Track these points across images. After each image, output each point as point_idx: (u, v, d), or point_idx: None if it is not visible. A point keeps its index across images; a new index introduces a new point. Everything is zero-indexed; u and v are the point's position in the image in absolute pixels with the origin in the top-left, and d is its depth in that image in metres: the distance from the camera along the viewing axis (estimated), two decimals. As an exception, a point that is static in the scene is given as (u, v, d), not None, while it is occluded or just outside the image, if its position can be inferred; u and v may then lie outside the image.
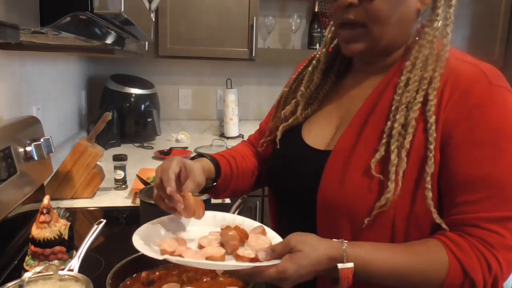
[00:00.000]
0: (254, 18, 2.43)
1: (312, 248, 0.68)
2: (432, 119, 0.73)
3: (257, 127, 1.13)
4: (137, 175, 1.59)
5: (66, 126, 2.09)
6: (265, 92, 2.92)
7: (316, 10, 2.74)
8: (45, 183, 1.40)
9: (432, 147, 0.72)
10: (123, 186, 1.64)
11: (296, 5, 2.80)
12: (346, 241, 0.71)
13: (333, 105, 0.91)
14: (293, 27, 2.70)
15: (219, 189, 0.97)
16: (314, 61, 0.94)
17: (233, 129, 2.73)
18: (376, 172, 0.74)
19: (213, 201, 1.29)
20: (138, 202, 1.30)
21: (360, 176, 0.76)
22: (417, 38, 0.81)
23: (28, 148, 1.11)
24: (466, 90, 0.73)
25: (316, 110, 0.93)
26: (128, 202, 1.51)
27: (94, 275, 0.92)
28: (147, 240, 0.74)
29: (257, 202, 2.30)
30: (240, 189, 1.03)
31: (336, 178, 0.78)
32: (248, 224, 0.82)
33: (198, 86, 2.86)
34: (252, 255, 0.69)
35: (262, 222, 0.83)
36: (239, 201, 1.08)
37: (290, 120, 0.93)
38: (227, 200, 1.57)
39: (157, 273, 0.83)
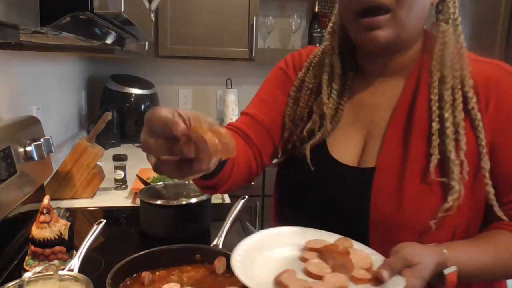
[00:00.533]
0: (254, 18, 2.43)
1: (427, 258, 0.66)
2: (479, 117, 0.74)
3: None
4: (137, 175, 1.58)
5: (66, 126, 2.09)
6: (265, 92, 2.92)
7: (316, 10, 2.74)
8: (45, 183, 1.40)
9: (484, 143, 0.74)
10: (123, 186, 1.64)
11: (296, 5, 2.80)
12: (439, 244, 0.71)
13: (354, 116, 0.85)
14: (293, 27, 2.70)
15: (223, 177, 0.81)
16: (325, 68, 0.86)
17: (233, 129, 2.73)
18: (435, 176, 0.74)
19: (213, 201, 1.29)
20: (138, 202, 1.30)
21: (420, 187, 0.75)
22: (436, 37, 0.79)
23: (28, 148, 1.11)
24: (500, 94, 0.75)
25: (338, 122, 0.86)
26: (128, 202, 1.51)
27: (94, 275, 0.92)
28: (248, 271, 0.65)
29: (257, 202, 2.30)
30: (239, 179, 0.88)
31: (390, 195, 0.76)
32: (327, 235, 0.76)
33: (198, 86, 2.86)
34: (368, 276, 0.65)
35: (262, 222, 0.81)
36: (239, 201, 1.08)
37: (318, 135, 0.85)
38: (227, 200, 1.58)
39: (157, 273, 0.82)
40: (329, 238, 0.75)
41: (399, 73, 0.82)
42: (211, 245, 0.91)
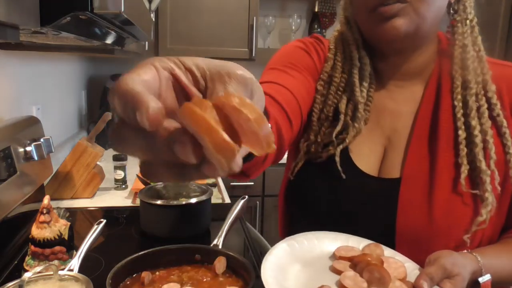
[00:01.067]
0: (254, 18, 2.43)
1: (464, 268, 0.65)
2: (505, 123, 0.72)
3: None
4: (137, 175, 1.59)
5: (66, 126, 2.09)
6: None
7: (316, 10, 2.74)
8: (45, 183, 1.40)
9: (511, 151, 0.72)
10: (123, 186, 1.64)
11: (296, 5, 2.80)
12: (473, 251, 0.69)
13: (374, 123, 0.80)
14: (293, 27, 2.70)
15: (257, 163, 0.63)
16: (354, 61, 0.79)
17: (233, 129, 2.73)
18: (466, 187, 0.71)
19: (213, 201, 1.29)
20: (138, 202, 1.30)
21: (451, 197, 0.72)
22: (453, 39, 0.77)
23: (28, 148, 1.11)
24: None
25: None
26: (128, 202, 1.51)
27: (94, 275, 0.92)
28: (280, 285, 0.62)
29: (257, 202, 2.30)
30: (270, 163, 0.73)
31: (419, 207, 0.73)
32: (355, 240, 0.74)
33: (198, 86, 2.85)
34: (405, 287, 0.62)
35: (262, 222, 0.81)
36: (239, 201, 1.08)
37: (348, 139, 0.78)
38: (227, 200, 1.58)
39: (157, 273, 0.82)
40: (358, 243, 0.73)
41: (416, 78, 0.79)
42: (211, 245, 0.91)
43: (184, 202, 1.18)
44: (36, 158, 1.12)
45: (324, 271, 0.68)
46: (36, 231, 0.91)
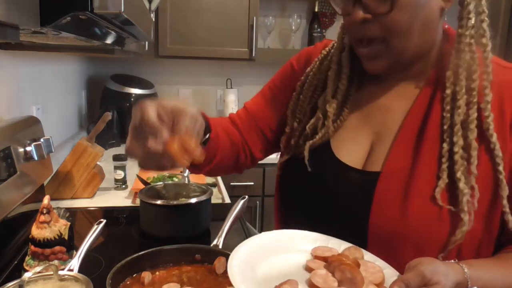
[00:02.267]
0: (254, 18, 2.43)
1: (445, 277, 0.61)
2: (494, 138, 0.67)
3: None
4: (137, 175, 1.59)
5: (66, 126, 2.09)
6: (265, 92, 2.92)
7: (316, 10, 2.74)
8: (45, 183, 1.40)
9: (501, 168, 0.67)
10: (123, 186, 1.64)
11: (296, 5, 2.80)
12: (460, 262, 0.66)
13: (363, 117, 0.80)
14: (293, 27, 2.70)
15: (210, 151, 0.80)
16: (332, 65, 0.82)
17: (233, 129, 2.73)
18: (443, 201, 0.68)
19: (213, 201, 1.29)
20: (138, 202, 1.30)
21: (427, 204, 0.69)
22: (449, 41, 0.73)
23: (28, 148, 1.11)
24: None
25: (343, 121, 0.81)
26: (128, 202, 1.51)
27: (94, 275, 0.92)
28: (248, 279, 0.61)
29: (257, 202, 2.30)
30: (224, 164, 0.88)
31: (395, 205, 0.70)
32: (336, 242, 0.72)
33: (198, 86, 2.86)
34: None
35: (262, 222, 0.81)
36: (239, 201, 1.08)
37: (319, 136, 0.81)
38: (227, 200, 1.58)
39: (157, 273, 0.82)
40: (339, 246, 0.71)
41: (416, 78, 0.77)
42: (211, 245, 0.91)
43: (184, 202, 1.18)
44: (36, 158, 1.12)
45: (297, 269, 0.66)
46: (36, 231, 0.91)
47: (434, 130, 0.72)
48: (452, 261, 0.66)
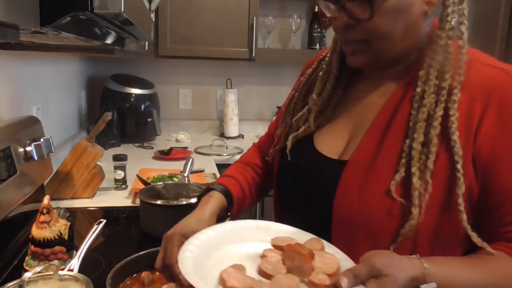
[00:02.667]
0: (254, 18, 2.43)
1: (398, 270, 0.61)
2: (456, 136, 0.68)
3: (257, 127, 1.12)
4: (137, 175, 1.59)
5: (66, 126, 2.09)
6: (265, 92, 2.92)
7: (316, 10, 2.73)
8: (45, 183, 1.40)
9: (459, 166, 0.67)
10: (123, 186, 1.64)
11: (296, 5, 2.80)
12: (423, 257, 0.65)
13: (346, 112, 0.85)
14: (293, 27, 2.70)
15: (234, 215, 0.94)
16: (324, 65, 0.87)
17: (233, 129, 2.73)
18: (397, 195, 0.69)
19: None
20: (138, 202, 1.30)
21: (381, 195, 0.71)
22: (431, 42, 0.74)
23: (28, 148, 1.11)
24: (503, 101, 0.68)
25: (328, 118, 0.87)
26: (128, 202, 1.51)
27: (94, 275, 0.92)
28: (197, 267, 0.63)
29: (257, 202, 2.30)
30: (256, 201, 1.01)
31: (354, 191, 0.73)
32: (299, 235, 0.73)
33: (198, 86, 2.86)
34: (327, 282, 0.60)
35: None
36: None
37: (301, 129, 0.87)
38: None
39: (157, 273, 0.82)
40: (302, 237, 0.72)
41: (398, 78, 0.80)
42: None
43: (184, 202, 1.18)
44: (36, 158, 1.12)
45: (253, 257, 0.67)
46: (36, 231, 0.91)
47: (400, 125, 0.74)
48: (415, 256, 0.66)
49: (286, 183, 0.89)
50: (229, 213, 0.91)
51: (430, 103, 0.71)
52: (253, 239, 0.73)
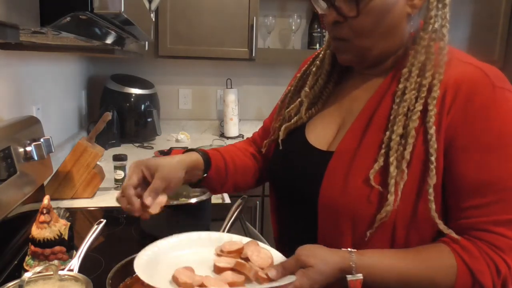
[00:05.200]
0: (254, 18, 2.43)
1: (323, 261, 0.67)
2: (432, 130, 0.72)
3: (257, 127, 1.12)
4: (137, 175, 1.58)
5: (66, 126, 2.09)
6: (265, 92, 2.92)
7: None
8: (45, 183, 1.40)
9: (433, 158, 0.71)
10: (123, 186, 1.64)
11: (296, 5, 2.80)
12: (354, 250, 0.71)
13: (335, 106, 0.90)
14: (293, 27, 2.70)
15: (215, 182, 0.97)
16: (317, 61, 0.93)
17: (233, 129, 2.73)
18: (376, 183, 0.73)
19: (213, 201, 1.29)
20: (138, 202, 1.30)
21: (362, 184, 0.75)
22: (414, 43, 0.78)
23: (28, 148, 1.11)
24: (470, 93, 0.72)
25: (319, 110, 0.92)
26: (128, 202, 1.51)
27: (94, 275, 0.92)
28: (150, 270, 0.71)
29: (257, 202, 2.30)
30: (242, 185, 1.03)
31: (339, 180, 0.77)
32: (238, 240, 0.82)
33: (198, 86, 2.86)
34: (263, 274, 0.69)
35: (262, 222, 0.84)
36: (239, 201, 1.08)
37: (293, 120, 0.92)
38: (227, 200, 1.58)
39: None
40: (240, 241, 0.80)
41: (384, 74, 0.83)
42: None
43: (184, 202, 1.18)
44: (36, 158, 1.12)
45: (203, 262, 0.75)
46: (36, 231, 0.91)
47: (382, 118, 0.78)
48: (348, 249, 0.71)
49: (278, 172, 0.93)
50: (205, 174, 0.94)
51: (411, 98, 0.75)
52: (204, 247, 0.80)
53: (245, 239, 0.81)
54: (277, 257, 0.75)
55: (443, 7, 0.76)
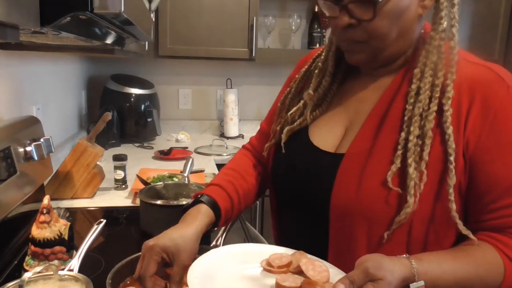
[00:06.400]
0: (254, 18, 2.43)
1: (391, 272, 0.64)
2: (450, 130, 0.72)
3: (257, 127, 1.12)
4: (137, 175, 1.59)
5: (66, 126, 2.09)
6: (265, 92, 2.92)
7: (316, 10, 2.73)
8: (45, 183, 1.40)
9: (452, 158, 0.71)
10: (123, 186, 1.64)
11: (296, 5, 2.80)
12: (411, 256, 0.69)
13: (341, 107, 0.88)
14: (293, 27, 2.70)
15: (222, 225, 0.94)
16: (320, 63, 0.90)
17: (233, 129, 2.73)
18: (393, 185, 0.72)
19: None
20: (138, 202, 1.30)
21: (378, 186, 0.74)
22: (424, 42, 0.78)
23: (28, 148, 1.11)
24: (486, 96, 0.73)
25: (324, 112, 0.90)
26: (128, 202, 1.51)
27: (94, 275, 0.92)
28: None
29: (257, 202, 2.30)
30: (243, 211, 0.99)
31: (352, 183, 0.76)
32: (283, 252, 0.78)
33: (198, 86, 2.86)
34: None
35: (262, 222, 0.83)
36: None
37: (296, 123, 0.90)
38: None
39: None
40: (286, 253, 0.77)
41: (392, 74, 0.83)
42: (211, 245, 0.91)
43: (184, 202, 1.18)
44: (36, 158, 1.12)
45: (253, 278, 0.72)
46: (36, 231, 0.91)
47: (395, 119, 0.78)
48: (404, 255, 0.69)
49: (281, 176, 0.91)
50: (215, 228, 0.90)
51: (425, 99, 0.75)
52: (249, 261, 0.76)
53: (291, 251, 0.78)
54: (331, 269, 0.72)
55: (452, 6, 0.76)
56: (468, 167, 0.73)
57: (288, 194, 0.90)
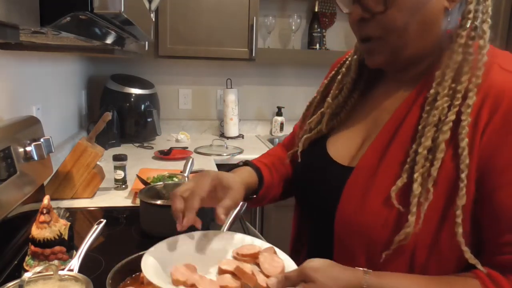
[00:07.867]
0: (254, 18, 2.43)
1: (330, 278, 0.62)
2: (464, 143, 0.63)
3: (257, 127, 1.12)
4: (137, 175, 1.59)
5: (66, 126, 2.09)
6: (265, 92, 2.92)
7: (316, 10, 2.74)
8: (45, 183, 1.40)
9: (464, 176, 0.63)
10: (123, 186, 1.64)
11: (296, 5, 2.80)
12: (370, 271, 0.65)
13: (361, 117, 0.82)
14: (293, 27, 2.70)
15: (259, 200, 0.92)
16: (343, 68, 0.86)
17: (233, 129, 2.73)
18: (397, 201, 0.66)
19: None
20: (138, 202, 1.30)
21: (381, 204, 0.68)
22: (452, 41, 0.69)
23: (28, 148, 1.11)
24: (508, 107, 0.63)
25: (343, 121, 0.85)
26: (128, 202, 1.51)
27: (94, 275, 0.92)
28: (161, 262, 0.70)
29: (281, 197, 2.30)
30: (276, 197, 0.97)
31: (356, 199, 0.72)
32: (258, 244, 0.79)
33: (198, 86, 2.86)
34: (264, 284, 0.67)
35: (262, 222, 0.83)
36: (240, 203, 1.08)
37: (313, 132, 0.87)
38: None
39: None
40: (259, 245, 0.78)
41: (417, 80, 0.75)
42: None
43: (184, 202, 1.17)
44: (36, 158, 1.12)
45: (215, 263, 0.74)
46: (36, 231, 0.91)
47: (408, 130, 0.71)
48: (362, 269, 0.65)
49: (298, 184, 0.91)
50: (255, 195, 0.89)
51: (443, 106, 0.66)
52: (223, 246, 0.79)
53: (266, 244, 0.78)
54: (290, 267, 0.71)
55: (485, 0, 0.67)
56: (479, 188, 0.64)
57: (304, 201, 0.89)
